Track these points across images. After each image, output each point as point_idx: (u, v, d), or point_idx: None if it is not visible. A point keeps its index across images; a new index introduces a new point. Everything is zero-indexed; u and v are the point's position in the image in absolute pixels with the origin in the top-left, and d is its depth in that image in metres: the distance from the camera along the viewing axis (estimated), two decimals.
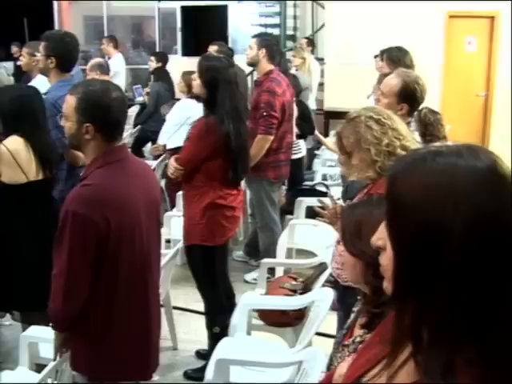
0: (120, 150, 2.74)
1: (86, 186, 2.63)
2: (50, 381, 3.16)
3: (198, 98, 6.25)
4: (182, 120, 6.64)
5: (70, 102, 2.68)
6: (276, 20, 12.15)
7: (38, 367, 3.65)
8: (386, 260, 1.26)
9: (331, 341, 3.79)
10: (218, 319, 4.31)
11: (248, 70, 7.93)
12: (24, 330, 3.94)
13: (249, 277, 5.82)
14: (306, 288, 4.13)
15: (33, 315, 4.05)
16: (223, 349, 3.78)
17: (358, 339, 2.00)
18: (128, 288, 2.70)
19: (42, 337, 3.61)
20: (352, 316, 2.21)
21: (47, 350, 3.39)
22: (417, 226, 1.15)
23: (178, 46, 12.93)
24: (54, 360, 3.05)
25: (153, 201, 2.83)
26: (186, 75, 6.79)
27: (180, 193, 5.74)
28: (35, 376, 3.45)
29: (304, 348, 3.57)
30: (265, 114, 5.34)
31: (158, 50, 12.38)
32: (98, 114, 2.64)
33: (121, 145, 2.75)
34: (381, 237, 1.30)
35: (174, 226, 5.50)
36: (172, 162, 4.26)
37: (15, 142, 3.90)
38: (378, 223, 1.97)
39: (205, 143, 4.09)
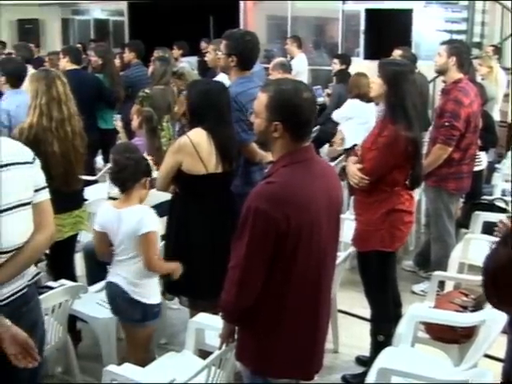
0: (306, 151, 2.74)
1: (270, 184, 2.67)
2: (213, 368, 3.26)
3: (362, 97, 6.30)
4: (344, 119, 6.66)
5: (261, 100, 2.71)
6: (462, 26, 11.78)
7: (202, 353, 3.76)
8: None
9: (499, 364, 3.65)
10: (384, 327, 4.25)
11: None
12: (191, 315, 4.07)
13: (417, 288, 5.72)
14: (478, 306, 3.99)
15: (200, 302, 4.18)
16: (386, 358, 3.73)
17: None
18: (301, 287, 2.70)
19: (209, 324, 3.72)
20: None
21: (213, 338, 3.49)
22: None
23: (361, 49, 12.86)
24: (220, 349, 3.13)
25: (334, 202, 2.82)
26: (355, 77, 6.81)
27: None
28: (199, 361, 3.56)
29: (470, 368, 3.45)
30: (447, 124, 5.21)
31: (339, 51, 12.37)
32: (288, 113, 2.65)
33: (307, 145, 2.75)
34: None
35: (346, 228, 5.48)
36: (356, 172, 4.17)
37: (198, 134, 4.03)
38: None
39: (392, 152, 4.04)
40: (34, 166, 2.80)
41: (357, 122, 6.66)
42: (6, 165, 2.67)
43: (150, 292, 3.78)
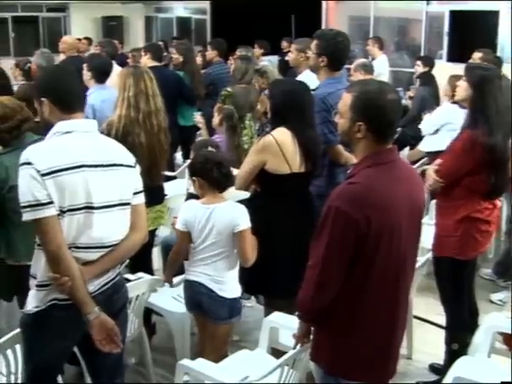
0: (389, 153, 2.73)
1: (352, 184, 2.66)
2: (286, 368, 3.26)
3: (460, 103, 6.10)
4: (439, 124, 6.50)
5: (345, 100, 2.71)
6: None
7: (275, 352, 3.77)
8: None
9: None
10: (459, 336, 4.17)
11: None
12: (266, 314, 4.09)
13: (495, 297, 5.59)
14: None
15: (277, 301, 4.19)
16: (462, 367, 3.66)
17: None
18: (379, 289, 2.68)
19: (284, 323, 3.73)
20: None
21: (287, 337, 3.48)
22: None
23: (444, 51, 12.63)
24: (294, 348, 3.14)
25: (416, 207, 2.79)
26: (453, 79, 6.63)
27: (434, 201, 5.63)
28: (272, 360, 3.57)
29: None
30: None
31: (422, 53, 12.16)
32: (372, 114, 2.64)
33: (391, 147, 2.74)
34: None
35: (424, 233, 5.38)
36: (431, 174, 4.15)
37: (283, 134, 4.03)
38: None
39: (468, 158, 3.96)
40: (135, 170, 2.99)
41: (448, 128, 6.50)
42: (114, 165, 2.87)
43: (232, 287, 3.77)
